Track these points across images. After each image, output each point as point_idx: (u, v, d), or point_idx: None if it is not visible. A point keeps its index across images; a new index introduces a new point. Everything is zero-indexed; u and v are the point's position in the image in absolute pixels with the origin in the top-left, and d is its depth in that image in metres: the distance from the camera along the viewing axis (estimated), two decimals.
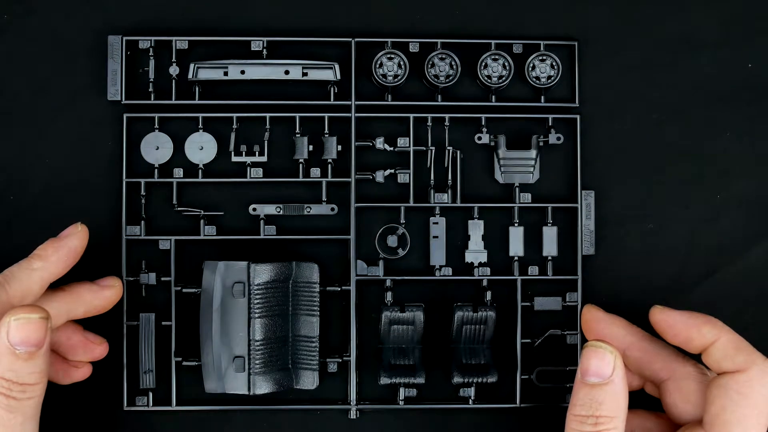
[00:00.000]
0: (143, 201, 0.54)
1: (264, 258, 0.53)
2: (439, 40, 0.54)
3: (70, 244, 0.49)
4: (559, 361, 0.54)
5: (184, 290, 0.53)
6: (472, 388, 0.53)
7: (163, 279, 0.53)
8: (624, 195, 0.55)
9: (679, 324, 0.47)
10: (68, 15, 0.54)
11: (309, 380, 0.53)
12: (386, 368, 0.53)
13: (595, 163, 0.55)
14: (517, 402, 0.54)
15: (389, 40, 0.54)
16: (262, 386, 0.51)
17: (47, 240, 0.49)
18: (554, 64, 0.54)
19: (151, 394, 0.53)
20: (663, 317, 0.48)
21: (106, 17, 0.54)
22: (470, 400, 0.53)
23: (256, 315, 0.51)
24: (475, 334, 0.54)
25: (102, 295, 0.50)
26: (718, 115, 0.55)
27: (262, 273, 0.52)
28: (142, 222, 0.53)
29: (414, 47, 0.54)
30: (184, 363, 0.53)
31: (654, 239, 0.55)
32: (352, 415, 0.54)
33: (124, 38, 0.53)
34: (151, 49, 0.54)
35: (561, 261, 0.55)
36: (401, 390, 0.53)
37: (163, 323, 0.53)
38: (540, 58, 0.54)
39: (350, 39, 0.54)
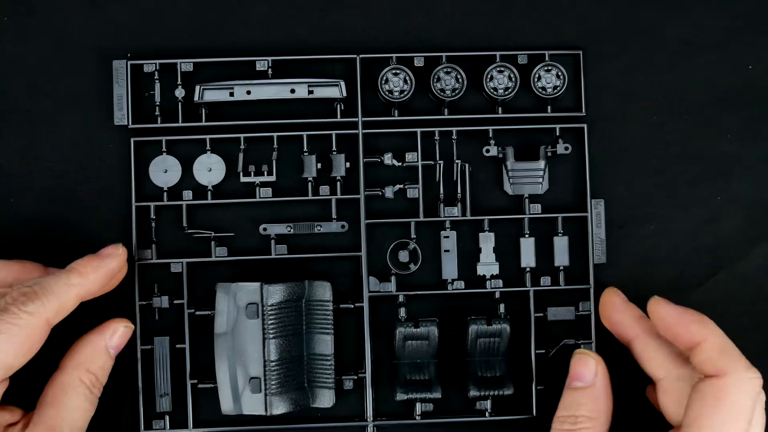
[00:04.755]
0: (153, 225, 0.53)
1: (276, 278, 0.53)
2: (444, 54, 0.54)
3: (110, 265, 0.49)
4: None
5: (197, 313, 0.53)
6: (489, 401, 0.53)
7: (176, 302, 0.53)
8: (633, 201, 0.55)
9: (668, 317, 0.47)
10: (73, 39, 0.54)
11: (325, 399, 0.53)
12: (402, 384, 0.53)
13: (603, 170, 0.55)
14: (534, 413, 0.54)
15: (394, 55, 0.54)
16: (279, 406, 0.51)
17: (87, 255, 0.49)
18: (560, 74, 0.54)
19: (167, 418, 0.53)
20: (657, 308, 0.48)
21: (111, 41, 0.54)
22: (487, 413, 0.53)
23: (271, 336, 0.51)
24: (489, 346, 0.54)
25: (106, 267, 0.49)
26: (719, 117, 0.55)
27: (275, 293, 0.52)
28: (153, 246, 0.53)
29: (419, 62, 0.54)
30: (200, 386, 0.53)
31: (660, 242, 0.55)
32: (370, 431, 0.54)
33: (129, 62, 0.53)
34: (156, 72, 0.54)
35: (573, 270, 0.55)
36: (418, 405, 0.53)
37: (177, 346, 0.53)
38: (545, 68, 0.54)
39: (355, 56, 0.54)
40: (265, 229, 0.54)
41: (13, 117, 0.54)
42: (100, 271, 0.48)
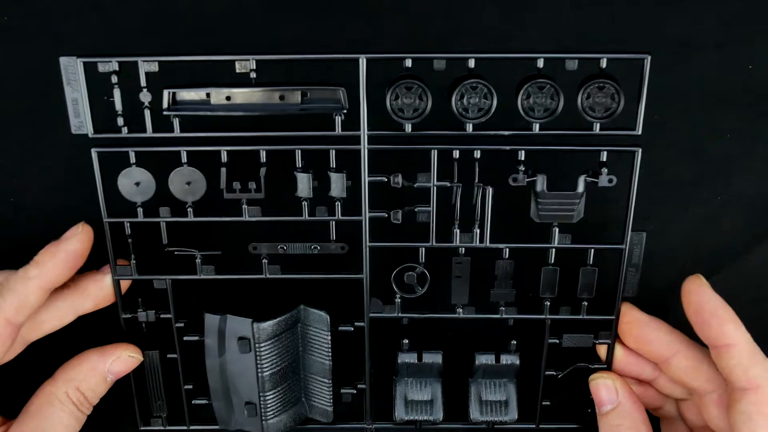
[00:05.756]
0: (130, 241, 0.48)
1: (270, 298, 0.49)
2: (472, 56, 0.43)
3: (68, 247, 0.45)
4: (584, 394, 0.52)
5: (185, 338, 0.50)
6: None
7: (162, 316, 0.50)
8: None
9: (708, 305, 0.44)
10: (28, 41, 0.46)
11: (323, 414, 0.52)
12: (403, 403, 0.51)
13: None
14: (536, 424, 0.52)
15: (409, 56, 0.43)
16: (276, 430, 0.51)
17: (48, 244, 0.46)
18: (615, 94, 0.43)
19: (165, 414, 0.53)
20: (698, 290, 0.44)
21: (70, 42, 0.46)
22: None
23: (265, 371, 0.49)
24: (495, 378, 0.51)
25: (104, 284, 0.48)
26: (719, 117, 0.50)
27: (266, 331, 0.48)
28: (132, 262, 0.48)
29: (439, 64, 0.43)
30: (194, 402, 0.52)
31: (660, 242, 0.51)
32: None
33: (81, 60, 0.43)
34: (114, 74, 0.44)
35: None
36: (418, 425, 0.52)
37: (169, 356, 0.51)
38: (598, 85, 0.43)
39: (359, 56, 0.43)
40: (255, 248, 0.48)
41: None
42: (59, 256, 0.45)
